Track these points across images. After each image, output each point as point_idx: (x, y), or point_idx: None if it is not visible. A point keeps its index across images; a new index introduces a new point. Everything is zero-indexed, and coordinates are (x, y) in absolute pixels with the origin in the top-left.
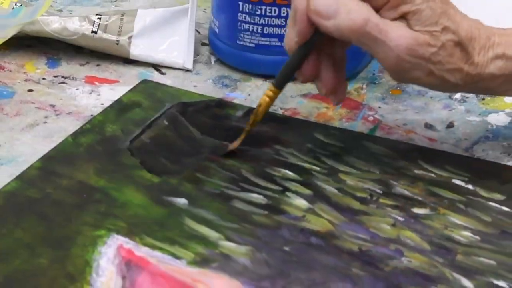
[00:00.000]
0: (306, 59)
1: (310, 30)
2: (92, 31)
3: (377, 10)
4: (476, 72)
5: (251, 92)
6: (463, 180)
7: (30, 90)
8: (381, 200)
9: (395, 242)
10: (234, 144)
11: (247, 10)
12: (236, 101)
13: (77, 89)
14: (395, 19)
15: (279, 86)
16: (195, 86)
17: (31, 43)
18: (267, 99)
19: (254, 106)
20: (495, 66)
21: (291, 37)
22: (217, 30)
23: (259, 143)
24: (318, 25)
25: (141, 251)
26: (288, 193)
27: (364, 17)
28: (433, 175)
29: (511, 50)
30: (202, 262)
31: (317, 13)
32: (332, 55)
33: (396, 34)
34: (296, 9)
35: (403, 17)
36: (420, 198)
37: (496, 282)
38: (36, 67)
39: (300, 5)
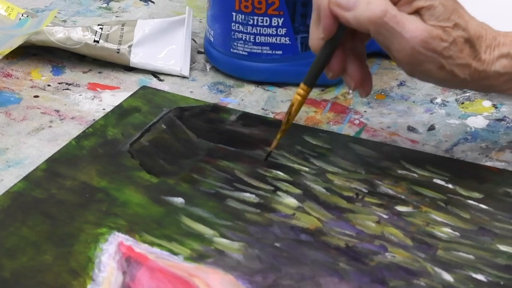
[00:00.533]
0: (333, 55)
1: (335, 25)
2: (95, 41)
3: (394, 4)
4: (482, 68)
5: (244, 98)
6: (443, 180)
7: (36, 96)
8: (366, 199)
9: (379, 238)
10: (272, 146)
11: (240, 20)
12: (230, 106)
13: (80, 95)
14: (409, 13)
15: (310, 84)
16: (191, 92)
17: (37, 52)
18: (299, 97)
19: (247, 110)
20: (500, 64)
21: (316, 36)
22: (212, 39)
23: (252, 145)
24: (339, 17)
25: (141, 247)
26: (279, 193)
27: (382, 9)
28: (415, 175)
29: None
30: (198, 257)
31: (338, 5)
32: (354, 49)
33: (413, 26)
34: (319, 6)
35: (417, 12)
36: (403, 197)
37: (474, 275)
38: (41, 75)
39: (323, 2)
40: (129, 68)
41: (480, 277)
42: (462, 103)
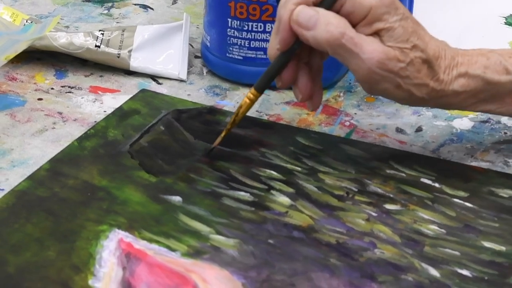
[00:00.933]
0: (286, 66)
1: (292, 39)
2: (96, 46)
3: (354, 25)
4: (440, 88)
5: (239, 100)
6: (430, 179)
7: (40, 99)
8: (356, 197)
9: (369, 235)
10: (215, 142)
11: (235, 26)
12: (226, 108)
13: (82, 98)
14: (369, 34)
15: (259, 90)
16: (188, 94)
17: (41, 57)
18: (248, 101)
19: None
20: (458, 83)
21: (274, 45)
22: (208, 44)
23: (247, 146)
24: (298, 35)
25: (140, 244)
26: (272, 191)
27: (340, 31)
28: (403, 174)
29: (473, 69)
30: (194, 254)
31: (299, 24)
32: (310, 64)
33: (370, 48)
34: (280, 19)
35: (377, 33)
36: (391, 195)
37: (460, 271)
38: (45, 78)
39: (284, 15)
40: (129, 72)
41: (465, 272)
42: None
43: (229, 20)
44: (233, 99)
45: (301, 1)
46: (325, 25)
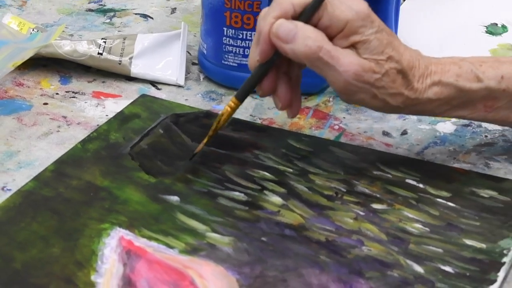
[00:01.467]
0: (266, 76)
1: (271, 51)
2: (99, 53)
3: (331, 38)
4: (415, 96)
5: None
6: (415, 180)
7: (45, 104)
8: (345, 197)
9: (356, 233)
10: (198, 148)
11: (230, 35)
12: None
13: (85, 102)
14: (346, 47)
15: (240, 99)
16: (186, 99)
17: (46, 63)
18: (229, 109)
19: (237, 116)
20: (432, 91)
21: (254, 56)
22: (205, 51)
23: (241, 149)
24: (277, 47)
25: (140, 241)
26: (265, 191)
27: (318, 44)
28: (389, 175)
29: (446, 77)
30: (191, 251)
31: (278, 37)
32: (289, 73)
33: (345, 61)
34: (260, 31)
35: (353, 46)
36: (378, 195)
37: (443, 267)
38: (50, 84)
39: (264, 28)
40: (130, 78)
41: (448, 268)
42: None
43: (225, 29)
44: None
45: (281, 15)
46: (303, 39)
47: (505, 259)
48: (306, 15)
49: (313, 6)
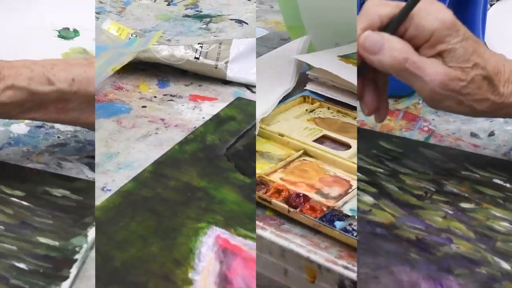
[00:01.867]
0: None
1: (358, 61)
2: (195, 57)
3: (417, 48)
4: (501, 101)
5: None
6: (502, 180)
7: (144, 107)
8: (434, 197)
9: (445, 231)
10: None
11: None
12: None
13: (182, 105)
14: (432, 56)
15: None
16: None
17: (145, 68)
18: None
19: None
20: None
21: None
22: None
23: None
24: (365, 58)
25: (236, 240)
26: (357, 191)
27: (404, 56)
28: (477, 175)
29: None
30: None
31: (365, 49)
32: (376, 80)
33: (431, 71)
34: None
35: (439, 55)
36: (466, 195)
37: None
38: (148, 87)
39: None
40: (225, 82)
41: None
42: None
43: None
44: None
45: (367, 26)
46: (390, 51)
47: (77, 256)
48: (393, 26)
49: (400, 17)
